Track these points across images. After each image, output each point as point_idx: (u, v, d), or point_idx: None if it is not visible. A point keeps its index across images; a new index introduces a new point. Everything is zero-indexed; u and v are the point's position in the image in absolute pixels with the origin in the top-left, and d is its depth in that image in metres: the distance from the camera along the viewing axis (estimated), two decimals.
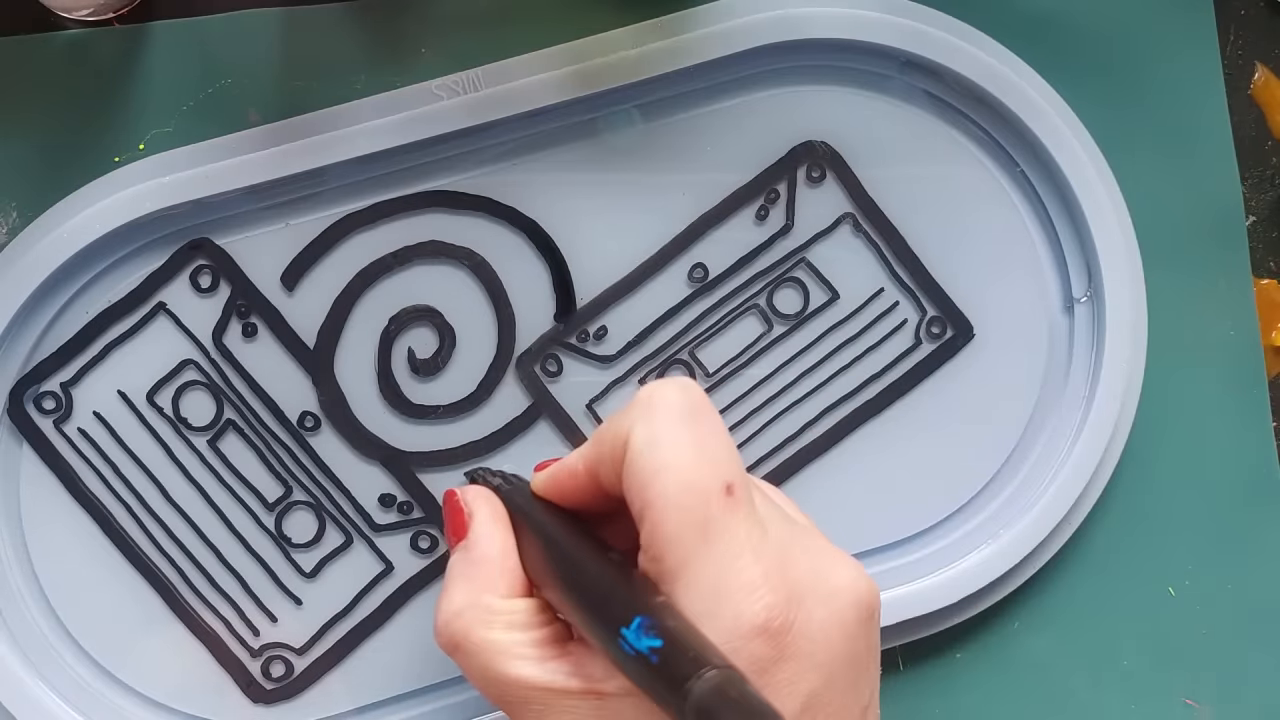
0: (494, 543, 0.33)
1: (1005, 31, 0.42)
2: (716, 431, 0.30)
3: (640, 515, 0.29)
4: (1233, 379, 0.44)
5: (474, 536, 0.34)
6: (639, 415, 0.30)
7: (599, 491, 0.32)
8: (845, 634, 0.29)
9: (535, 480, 0.34)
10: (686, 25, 0.40)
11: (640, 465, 0.29)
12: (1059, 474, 0.42)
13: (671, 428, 0.30)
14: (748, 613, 0.28)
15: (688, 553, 0.28)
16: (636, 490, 0.29)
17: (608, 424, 0.31)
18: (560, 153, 0.41)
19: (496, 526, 0.34)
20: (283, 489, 0.41)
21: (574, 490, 0.33)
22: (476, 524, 0.34)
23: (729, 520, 0.29)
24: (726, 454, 0.30)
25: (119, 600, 0.40)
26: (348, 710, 0.41)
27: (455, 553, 0.34)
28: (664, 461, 0.29)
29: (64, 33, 0.40)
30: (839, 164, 0.42)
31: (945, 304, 0.42)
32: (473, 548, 0.34)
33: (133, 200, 0.39)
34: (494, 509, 0.34)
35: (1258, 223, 0.45)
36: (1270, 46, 0.44)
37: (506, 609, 0.32)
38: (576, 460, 0.33)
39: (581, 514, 0.33)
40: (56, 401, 0.40)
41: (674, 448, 0.29)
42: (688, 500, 0.29)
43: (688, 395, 0.31)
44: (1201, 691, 0.44)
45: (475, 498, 0.35)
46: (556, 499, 0.34)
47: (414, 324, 0.41)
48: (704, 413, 0.31)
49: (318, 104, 0.40)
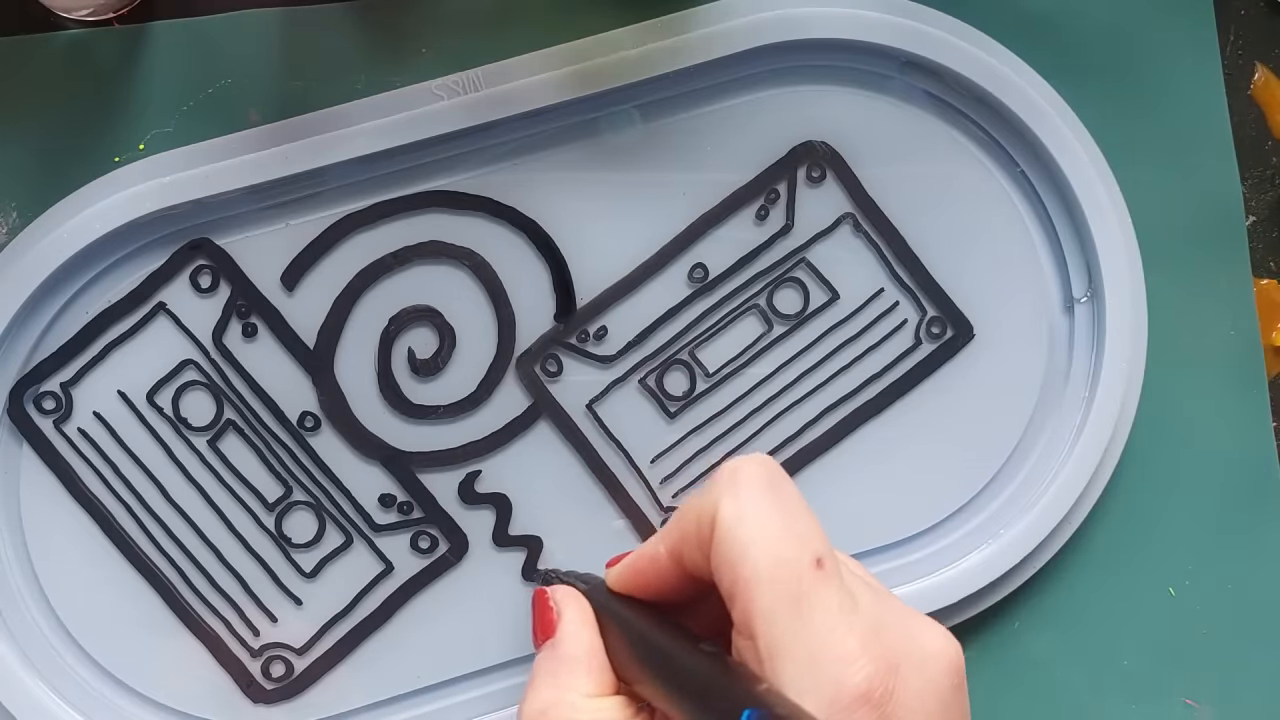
0: (581, 641, 0.33)
1: (1005, 31, 0.42)
2: (800, 504, 0.31)
3: (731, 593, 0.29)
4: (1233, 379, 0.44)
5: (561, 634, 0.34)
6: (724, 492, 0.30)
7: (682, 576, 0.32)
8: (941, 700, 0.29)
9: (612, 575, 0.34)
10: (687, 25, 0.40)
11: (730, 542, 0.29)
12: (1059, 474, 0.42)
13: (757, 502, 0.30)
14: (849, 683, 0.28)
15: (784, 628, 0.28)
16: (727, 567, 0.29)
17: (688, 504, 0.31)
18: (560, 153, 0.41)
19: (584, 624, 0.34)
20: (283, 489, 0.41)
21: (655, 578, 0.33)
22: (565, 622, 0.34)
23: (822, 592, 0.29)
24: (813, 526, 0.30)
25: (119, 600, 0.40)
26: (348, 710, 0.41)
27: (542, 651, 0.34)
28: (753, 536, 0.29)
29: (64, 33, 0.40)
30: (839, 164, 0.42)
31: (945, 304, 0.42)
32: (560, 645, 0.33)
33: (133, 200, 0.39)
34: (582, 607, 0.34)
35: (1258, 223, 0.45)
36: (1270, 46, 0.44)
37: (593, 706, 0.32)
38: (656, 546, 0.32)
39: (662, 605, 0.33)
40: (56, 401, 0.40)
41: (762, 522, 0.30)
42: (780, 574, 0.29)
43: (768, 468, 0.31)
44: (1201, 691, 0.44)
45: (564, 597, 0.35)
46: (637, 590, 0.34)
47: (414, 324, 0.41)
48: (785, 485, 0.31)
49: (318, 104, 0.40)
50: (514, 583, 0.41)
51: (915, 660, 0.29)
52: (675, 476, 0.42)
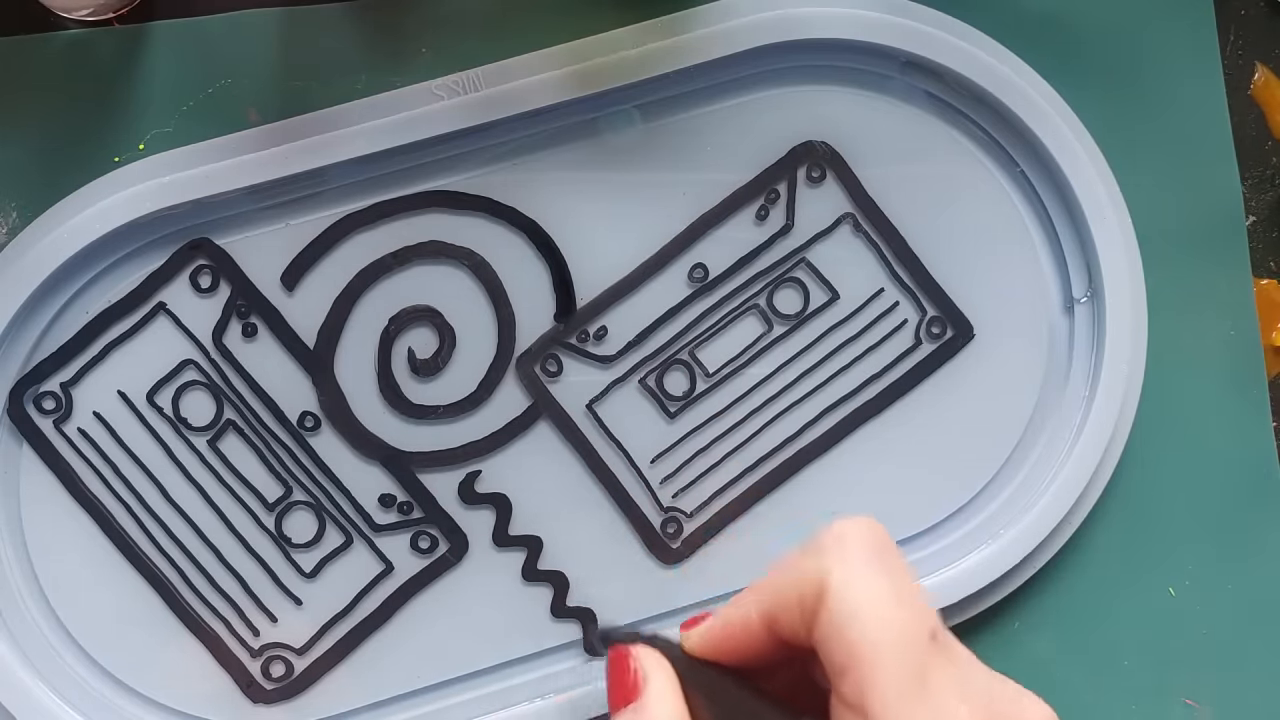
0: (669, 709, 0.31)
1: (1005, 32, 0.42)
2: (907, 571, 0.29)
3: (843, 668, 0.28)
4: (1233, 379, 0.44)
5: (647, 700, 0.31)
6: (834, 559, 0.29)
7: (772, 643, 0.31)
8: None
9: (694, 638, 0.32)
10: (687, 25, 0.40)
11: (843, 614, 0.28)
12: (1059, 474, 0.42)
13: (871, 571, 0.29)
14: None
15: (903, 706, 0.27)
16: (838, 639, 0.28)
17: (789, 568, 0.30)
18: (560, 153, 0.41)
19: (672, 692, 0.32)
20: (283, 489, 0.41)
21: (745, 643, 0.31)
22: (652, 688, 0.32)
23: (941, 671, 0.28)
24: (923, 598, 0.29)
25: (119, 600, 0.40)
26: (348, 710, 0.41)
27: (623, 715, 0.32)
28: (869, 609, 0.28)
29: (64, 33, 0.40)
30: (839, 164, 0.42)
31: (945, 304, 0.42)
32: (646, 710, 0.31)
33: (133, 200, 0.39)
34: (669, 673, 0.32)
35: (1258, 223, 0.45)
36: (1270, 46, 0.44)
37: None
38: (748, 610, 0.31)
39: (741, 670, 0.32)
40: (56, 401, 0.40)
41: (878, 593, 0.28)
42: (900, 650, 0.28)
43: (877, 534, 0.30)
44: (1201, 691, 0.44)
45: (648, 659, 0.33)
46: (723, 655, 0.32)
47: (414, 324, 0.41)
48: (894, 551, 0.29)
49: (318, 104, 0.40)
50: (514, 583, 0.41)
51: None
52: (675, 476, 0.42)
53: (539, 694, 0.41)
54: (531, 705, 0.41)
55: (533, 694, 0.41)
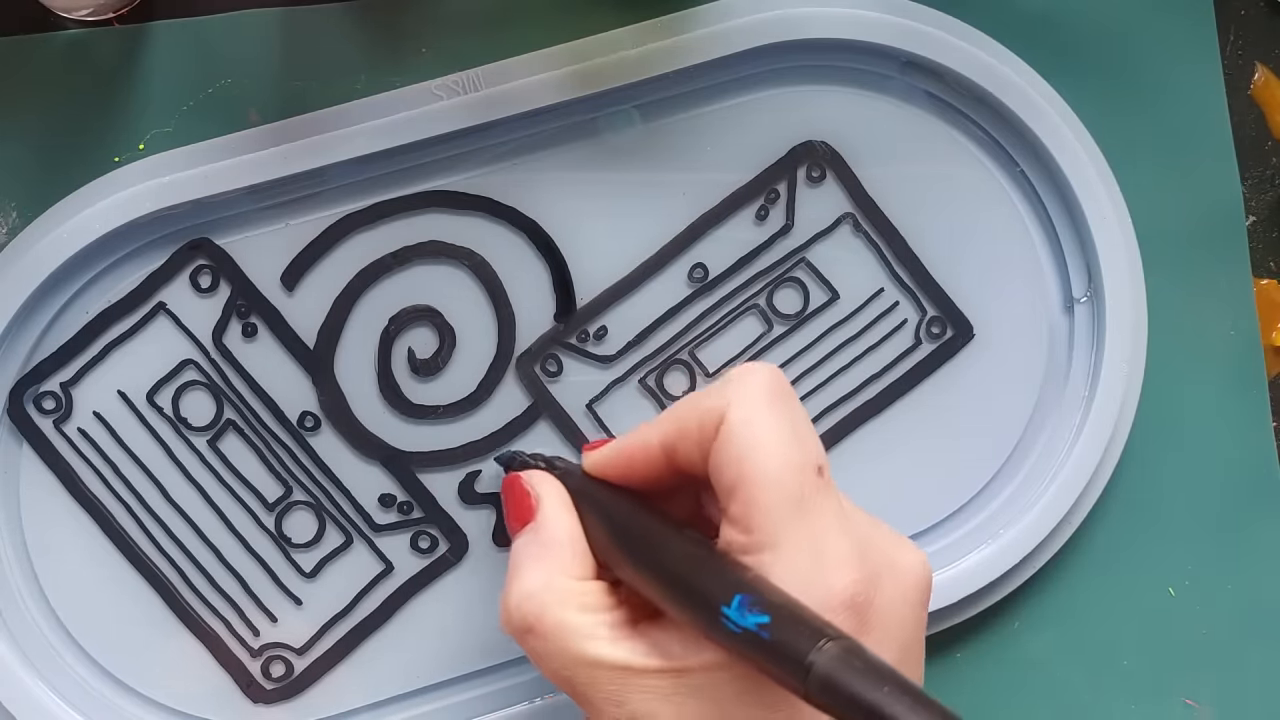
0: (563, 525, 0.33)
1: (1005, 31, 0.42)
2: (804, 415, 0.32)
3: (732, 489, 0.30)
4: (1233, 379, 0.44)
5: (542, 519, 0.34)
6: (735, 394, 0.31)
7: (666, 468, 0.33)
8: (913, 612, 0.31)
9: (593, 459, 0.34)
10: (686, 25, 0.40)
11: (738, 441, 0.30)
12: (1059, 474, 0.42)
13: (768, 407, 0.31)
14: (837, 586, 0.29)
15: (782, 526, 0.29)
16: (731, 464, 0.30)
17: (691, 403, 0.32)
18: (560, 153, 0.41)
19: (564, 509, 0.34)
20: (283, 489, 0.41)
21: (641, 466, 0.33)
22: (545, 507, 0.34)
23: (821, 498, 0.30)
24: (815, 438, 0.31)
25: (119, 600, 0.40)
26: (348, 710, 0.41)
27: (522, 536, 0.34)
28: (761, 439, 0.30)
29: (64, 33, 0.40)
30: (839, 164, 0.42)
31: (945, 304, 0.42)
32: (542, 529, 0.33)
33: (133, 200, 0.39)
34: (560, 492, 0.34)
35: (1258, 223, 0.45)
36: (1270, 46, 0.44)
37: (581, 590, 0.32)
38: (649, 434, 0.33)
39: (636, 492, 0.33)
40: (56, 401, 0.40)
41: (771, 426, 0.31)
42: (785, 476, 0.30)
43: (777, 378, 0.32)
44: (1201, 691, 0.44)
45: (540, 482, 0.35)
46: (619, 477, 0.34)
47: (414, 324, 0.41)
48: (792, 397, 0.32)
49: (318, 104, 0.40)
50: None
51: (893, 572, 0.30)
52: None
53: (539, 694, 0.41)
54: (531, 705, 0.41)
55: (533, 694, 0.41)
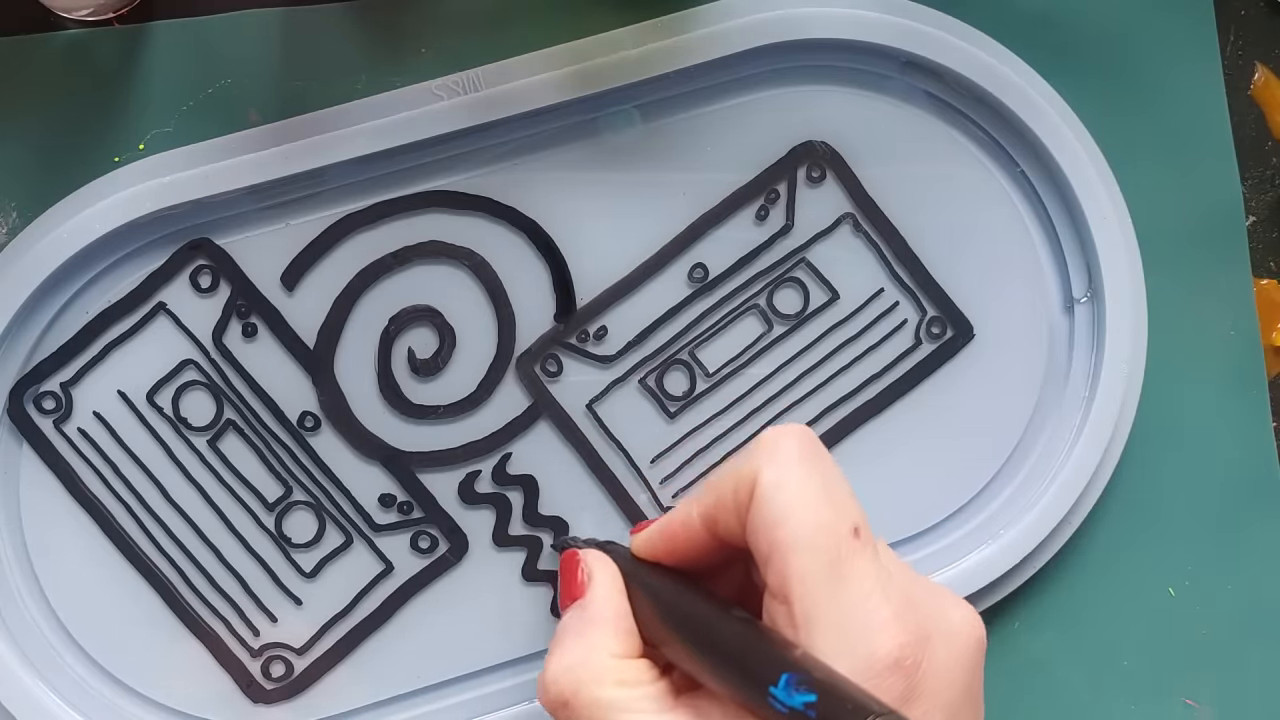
0: (611, 602, 0.34)
1: (1005, 31, 0.42)
2: (838, 475, 0.31)
3: (767, 558, 0.30)
4: (1233, 379, 0.44)
5: (591, 596, 0.34)
6: (764, 459, 0.31)
7: (711, 542, 0.32)
8: (965, 672, 0.30)
9: (639, 540, 0.35)
10: (687, 25, 0.40)
11: (770, 507, 0.30)
12: (1059, 474, 0.42)
13: (798, 471, 0.30)
14: (881, 650, 0.28)
15: (820, 592, 0.29)
16: (765, 532, 0.30)
17: (725, 472, 0.32)
18: (560, 153, 0.41)
19: (613, 588, 0.34)
20: (283, 489, 0.41)
21: (685, 543, 0.33)
22: (595, 585, 0.34)
23: (858, 561, 0.29)
24: (850, 498, 0.31)
25: (119, 600, 0.40)
26: (348, 710, 0.41)
27: (569, 612, 0.34)
28: (793, 503, 0.30)
29: (64, 33, 0.40)
30: (839, 164, 0.42)
31: (945, 304, 0.42)
32: (588, 606, 0.34)
33: (133, 200, 0.39)
34: (612, 571, 0.35)
35: (1258, 223, 0.45)
36: (1270, 46, 0.44)
37: (620, 666, 0.32)
38: (688, 511, 0.33)
39: (686, 571, 0.33)
40: (56, 401, 0.40)
41: (802, 490, 0.30)
42: (819, 540, 0.29)
43: (808, 439, 0.31)
44: (1201, 691, 0.44)
45: (594, 560, 0.35)
46: (665, 556, 0.34)
47: (414, 324, 0.41)
48: (824, 456, 0.31)
49: (318, 104, 0.40)
50: (514, 583, 0.41)
51: (944, 633, 0.30)
52: (675, 476, 0.42)
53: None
54: (531, 705, 0.41)
55: (533, 694, 0.41)
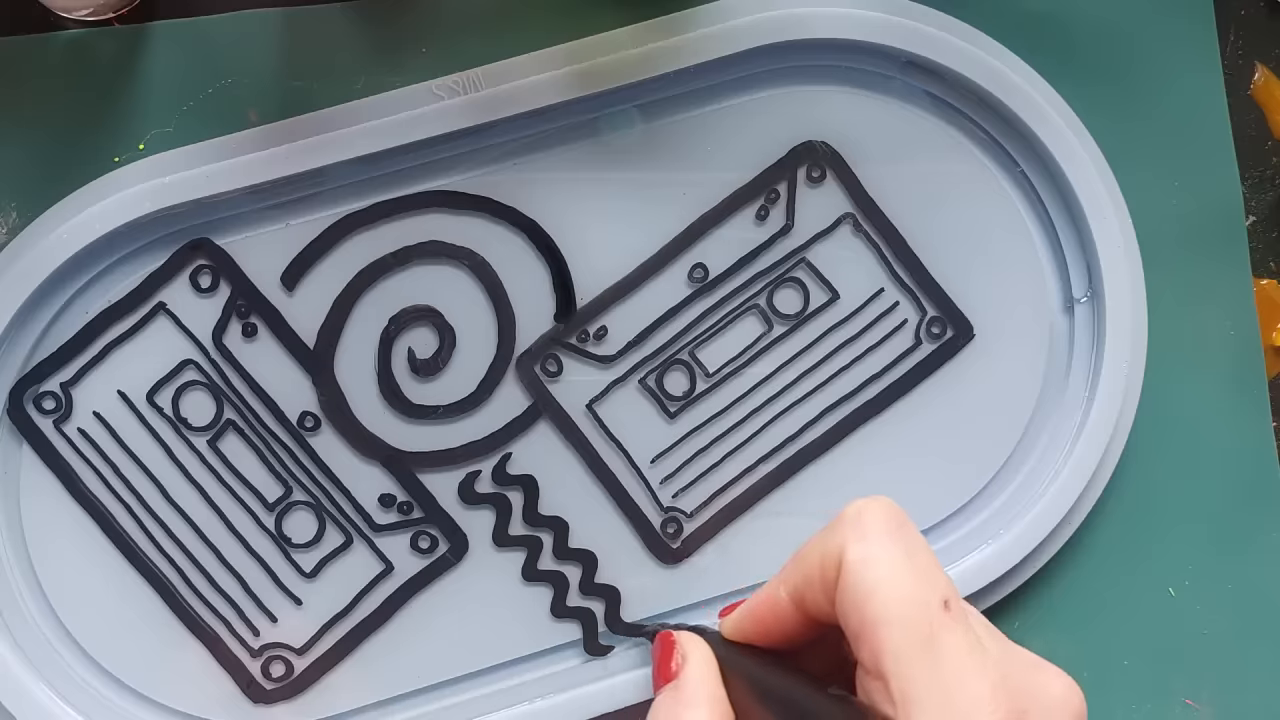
0: (705, 686, 0.33)
1: (1006, 32, 0.42)
2: (925, 546, 0.30)
3: (858, 634, 0.29)
4: (1233, 379, 0.44)
5: (685, 678, 0.34)
6: (849, 534, 0.30)
7: (801, 620, 0.32)
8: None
9: (729, 622, 0.34)
10: (687, 25, 0.40)
11: (858, 583, 0.29)
12: (1059, 474, 0.42)
13: (886, 544, 0.30)
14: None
15: (915, 668, 0.28)
16: (855, 609, 0.29)
17: (811, 545, 0.31)
18: (560, 153, 0.41)
19: (708, 670, 0.34)
20: (283, 489, 0.41)
21: (775, 622, 0.33)
22: (690, 666, 0.34)
23: (951, 635, 0.29)
24: (938, 569, 0.30)
25: (119, 600, 0.40)
26: (348, 710, 0.41)
27: (663, 693, 0.34)
28: (883, 578, 0.29)
29: (64, 33, 0.40)
30: (839, 164, 0.42)
31: (945, 304, 0.42)
32: (682, 689, 0.33)
33: (133, 200, 0.39)
34: (706, 654, 0.34)
35: (1258, 223, 0.45)
36: (1270, 46, 0.44)
37: None
38: (776, 589, 0.32)
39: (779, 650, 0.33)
40: (56, 401, 0.40)
41: (891, 564, 0.29)
42: (910, 616, 0.29)
43: (893, 511, 0.31)
44: (1201, 691, 0.44)
45: (688, 642, 0.35)
46: (755, 637, 0.33)
47: (414, 324, 0.41)
48: (909, 527, 0.31)
49: (318, 104, 0.40)
50: (514, 583, 0.41)
51: (1041, 706, 0.29)
52: (675, 476, 0.42)
53: (539, 694, 0.41)
54: (531, 705, 0.41)
55: (533, 694, 0.41)
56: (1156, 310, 0.43)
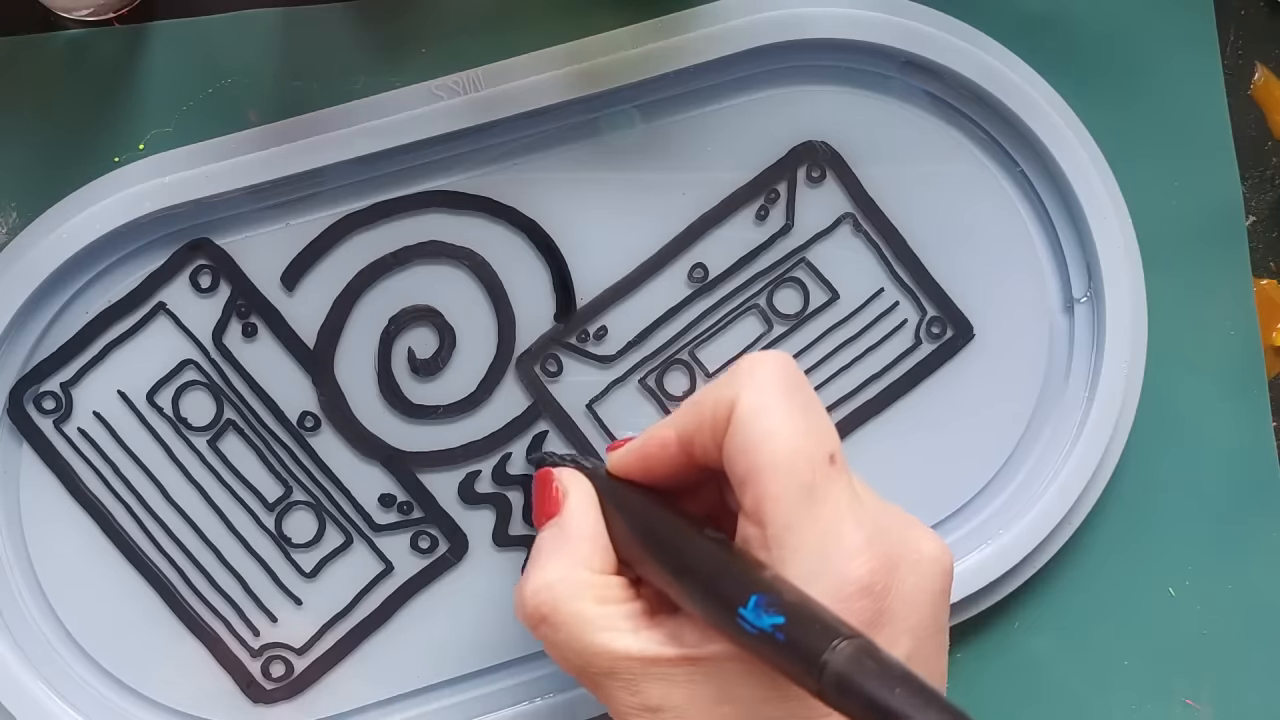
0: (587, 520, 0.34)
1: (1005, 31, 0.42)
2: (816, 403, 0.31)
3: (743, 480, 0.30)
4: (1233, 379, 0.44)
5: (567, 513, 0.34)
6: (744, 384, 0.31)
7: (687, 463, 0.33)
8: (932, 600, 0.30)
9: (615, 459, 0.35)
10: (686, 25, 0.40)
11: (747, 431, 0.30)
12: (1059, 474, 0.42)
13: (777, 396, 0.31)
14: (852, 575, 0.28)
15: (793, 516, 0.29)
16: (741, 455, 0.30)
17: (705, 393, 0.32)
18: (560, 153, 0.41)
19: (589, 505, 0.35)
20: (283, 489, 0.41)
21: (661, 463, 0.33)
22: (570, 502, 0.35)
23: (833, 487, 0.30)
24: (828, 425, 0.31)
25: (119, 600, 0.40)
26: (348, 710, 0.41)
27: (546, 529, 0.34)
28: (771, 428, 0.30)
29: (64, 33, 0.40)
30: (839, 164, 0.42)
31: (945, 304, 0.42)
32: (566, 524, 0.34)
33: (133, 200, 0.39)
34: (587, 489, 0.35)
35: (1258, 223, 0.45)
36: (1270, 46, 0.44)
37: (597, 582, 0.32)
38: (666, 431, 0.33)
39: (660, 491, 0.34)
40: (56, 401, 0.40)
41: (781, 415, 0.30)
42: (795, 465, 0.29)
43: (788, 366, 0.32)
44: (1201, 691, 0.44)
45: (569, 478, 0.35)
46: (640, 475, 0.34)
47: (414, 324, 0.41)
48: (804, 385, 0.32)
49: (318, 104, 0.40)
50: (514, 583, 0.41)
51: (912, 560, 0.30)
52: None
53: (539, 694, 0.41)
54: (531, 705, 0.41)
55: (533, 694, 0.41)
56: (1156, 310, 0.43)
